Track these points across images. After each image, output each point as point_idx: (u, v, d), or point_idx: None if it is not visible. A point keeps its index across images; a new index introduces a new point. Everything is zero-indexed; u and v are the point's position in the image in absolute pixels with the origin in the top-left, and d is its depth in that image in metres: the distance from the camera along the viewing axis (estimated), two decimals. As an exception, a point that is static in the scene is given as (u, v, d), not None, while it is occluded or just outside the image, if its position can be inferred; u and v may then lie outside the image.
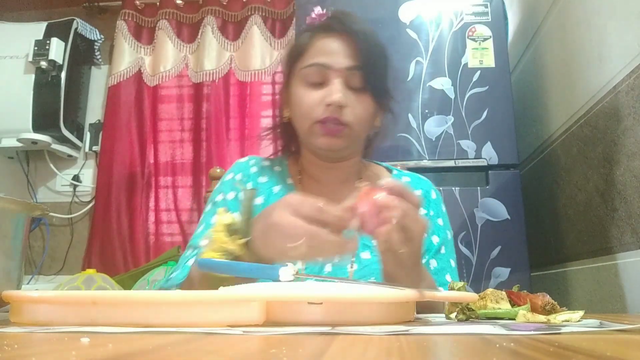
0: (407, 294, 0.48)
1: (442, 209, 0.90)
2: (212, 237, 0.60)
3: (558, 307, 0.51)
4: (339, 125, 0.79)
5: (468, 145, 1.43)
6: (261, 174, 0.91)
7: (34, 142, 2.16)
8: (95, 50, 2.43)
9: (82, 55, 2.36)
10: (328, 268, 0.80)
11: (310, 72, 0.81)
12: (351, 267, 0.80)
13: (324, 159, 0.87)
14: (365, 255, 0.81)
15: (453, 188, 1.39)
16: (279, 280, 0.51)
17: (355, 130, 0.81)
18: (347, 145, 0.83)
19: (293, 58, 0.86)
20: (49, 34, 2.21)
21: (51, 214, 2.27)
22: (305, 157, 0.91)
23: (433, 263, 0.84)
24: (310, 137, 0.82)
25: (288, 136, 0.94)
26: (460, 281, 0.60)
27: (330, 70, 0.80)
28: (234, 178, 0.90)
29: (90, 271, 1.78)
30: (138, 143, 2.30)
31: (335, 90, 0.78)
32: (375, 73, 0.82)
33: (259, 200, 0.87)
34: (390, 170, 0.95)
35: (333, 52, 0.81)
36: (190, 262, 0.75)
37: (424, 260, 0.85)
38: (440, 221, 0.88)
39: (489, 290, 0.55)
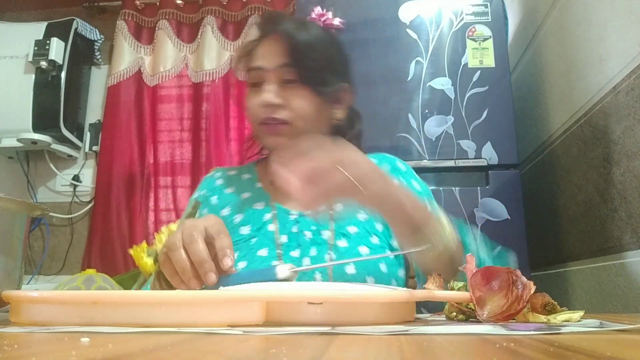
0: (407, 294, 0.48)
1: (416, 177, 0.92)
2: (132, 253, 0.69)
3: (558, 307, 0.51)
4: (278, 124, 0.82)
5: (468, 145, 1.43)
6: (227, 186, 0.94)
7: (34, 142, 2.15)
8: (95, 50, 2.43)
9: (82, 55, 2.36)
10: (306, 261, 0.79)
11: (251, 75, 0.87)
12: (328, 256, 0.79)
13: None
14: (342, 243, 0.81)
15: (453, 188, 1.39)
16: (278, 279, 0.51)
17: (296, 126, 0.83)
18: (292, 142, 0.82)
19: (242, 64, 0.91)
20: (49, 34, 2.20)
21: (51, 214, 2.27)
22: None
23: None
24: (258, 138, 0.89)
25: None
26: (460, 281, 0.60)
27: (263, 71, 0.84)
28: (201, 194, 0.94)
29: (90, 271, 1.78)
30: (138, 143, 2.30)
31: (265, 91, 0.82)
32: (309, 66, 0.84)
33: (225, 212, 0.88)
34: None
35: (265, 54, 0.86)
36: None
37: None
38: (415, 184, 0.90)
39: (489, 290, 0.55)
